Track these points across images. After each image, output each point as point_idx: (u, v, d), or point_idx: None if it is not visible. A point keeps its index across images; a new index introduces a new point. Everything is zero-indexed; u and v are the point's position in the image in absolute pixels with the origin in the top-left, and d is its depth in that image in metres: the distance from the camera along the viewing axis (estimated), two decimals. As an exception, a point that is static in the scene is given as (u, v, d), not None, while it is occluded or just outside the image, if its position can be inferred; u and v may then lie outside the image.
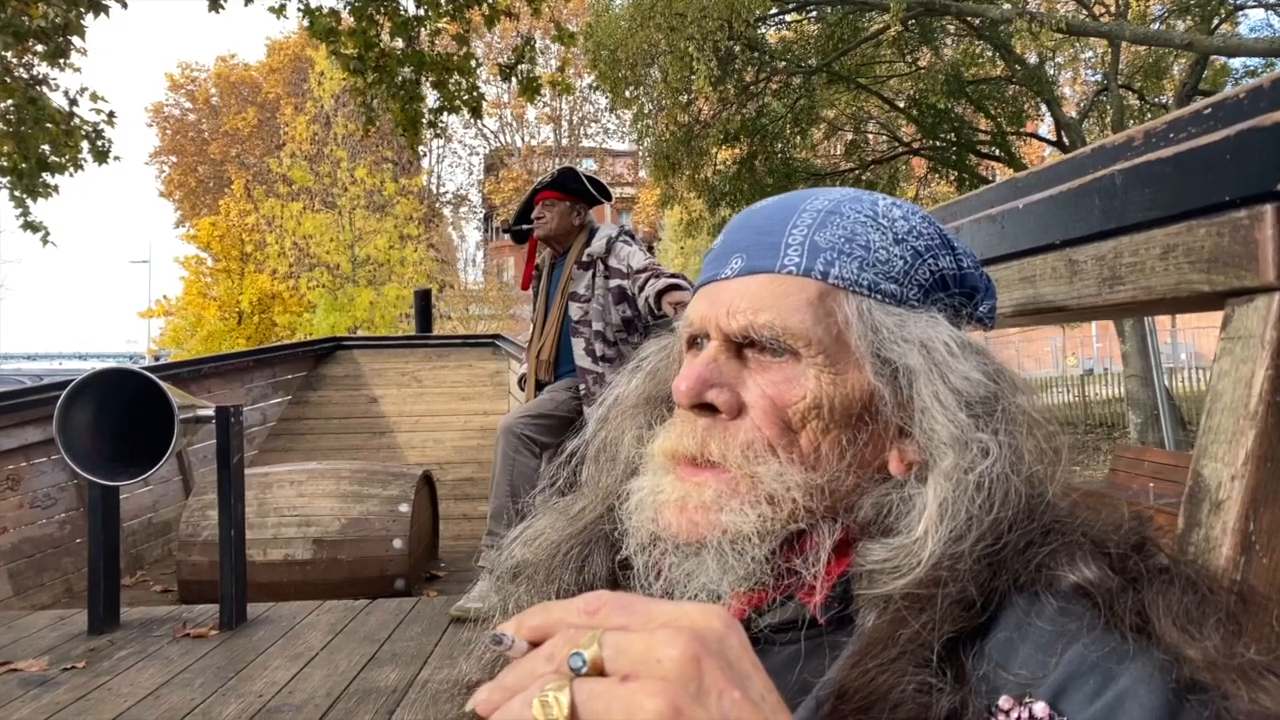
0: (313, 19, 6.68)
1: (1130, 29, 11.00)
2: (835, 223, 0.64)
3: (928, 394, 0.59)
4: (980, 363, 0.61)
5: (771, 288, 0.62)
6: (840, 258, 0.62)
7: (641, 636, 0.38)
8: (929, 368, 0.60)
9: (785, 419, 0.60)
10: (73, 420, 2.97)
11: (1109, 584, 0.52)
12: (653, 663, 0.37)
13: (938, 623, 0.52)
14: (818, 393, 0.60)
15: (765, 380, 0.61)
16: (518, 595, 0.71)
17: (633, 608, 0.40)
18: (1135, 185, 0.74)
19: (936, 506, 0.56)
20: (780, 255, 0.63)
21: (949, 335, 0.61)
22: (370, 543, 4.14)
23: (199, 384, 5.91)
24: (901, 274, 0.63)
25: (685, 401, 0.62)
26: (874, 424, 0.61)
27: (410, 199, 23.61)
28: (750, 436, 0.60)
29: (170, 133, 31.25)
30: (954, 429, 0.58)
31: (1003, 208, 0.95)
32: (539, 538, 0.73)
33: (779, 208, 0.67)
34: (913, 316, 0.62)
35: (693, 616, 0.40)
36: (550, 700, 0.37)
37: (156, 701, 2.56)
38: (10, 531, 4.25)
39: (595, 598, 0.41)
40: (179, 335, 25.57)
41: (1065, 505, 0.59)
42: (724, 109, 13.05)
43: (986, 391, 0.60)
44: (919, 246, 0.64)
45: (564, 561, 0.69)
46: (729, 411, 0.61)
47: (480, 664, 0.68)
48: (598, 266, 3.52)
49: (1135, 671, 0.48)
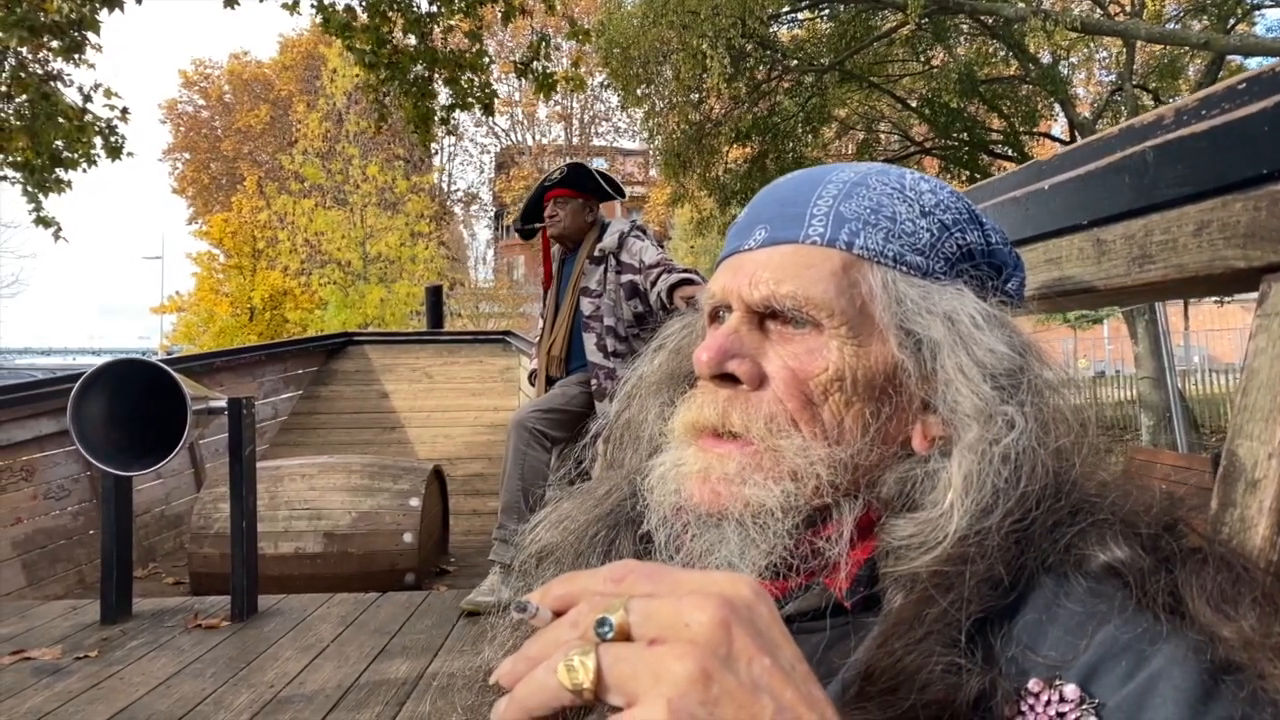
0: (326, 15, 6.69)
1: (1145, 28, 10.92)
2: (861, 194, 0.63)
3: (952, 366, 0.58)
4: (1006, 335, 0.60)
5: (795, 258, 0.61)
6: (866, 228, 0.61)
7: (669, 602, 0.37)
8: (953, 340, 0.59)
9: (807, 391, 0.59)
10: (86, 411, 2.97)
11: (1141, 564, 0.51)
12: (681, 627, 0.36)
13: (965, 601, 0.51)
14: (840, 365, 0.59)
15: (787, 351, 0.60)
16: (544, 578, 0.69)
17: (659, 575, 0.40)
18: (1167, 161, 0.72)
19: (961, 479, 0.55)
20: (804, 225, 0.62)
21: (974, 308, 0.60)
22: (381, 536, 4.14)
23: (211, 378, 5.93)
24: (928, 246, 0.62)
25: (706, 371, 0.61)
26: (897, 397, 0.60)
27: (421, 197, 23.66)
28: (773, 409, 0.59)
29: (183, 129, 31.40)
30: (978, 401, 0.57)
31: (1027, 189, 0.94)
32: (565, 520, 0.72)
33: (805, 180, 0.66)
34: (938, 289, 0.61)
35: (721, 584, 0.39)
36: (576, 665, 0.36)
37: (168, 690, 2.56)
38: (24, 522, 4.27)
39: (621, 566, 0.41)
40: (191, 331, 25.70)
41: (1094, 485, 0.58)
42: (736, 107, 13.02)
43: (1012, 364, 0.58)
44: (946, 219, 0.63)
45: (591, 545, 0.69)
46: (750, 382, 0.60)
47: (500, 649, 0.68)
48: (610, 261, 3.51)
49: (1169, 652, 0.47)
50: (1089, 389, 16.18)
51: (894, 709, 0.48)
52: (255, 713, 2.40)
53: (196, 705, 2.45)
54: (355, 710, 2.41)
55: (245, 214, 25.11)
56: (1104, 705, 0.47)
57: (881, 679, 0.49)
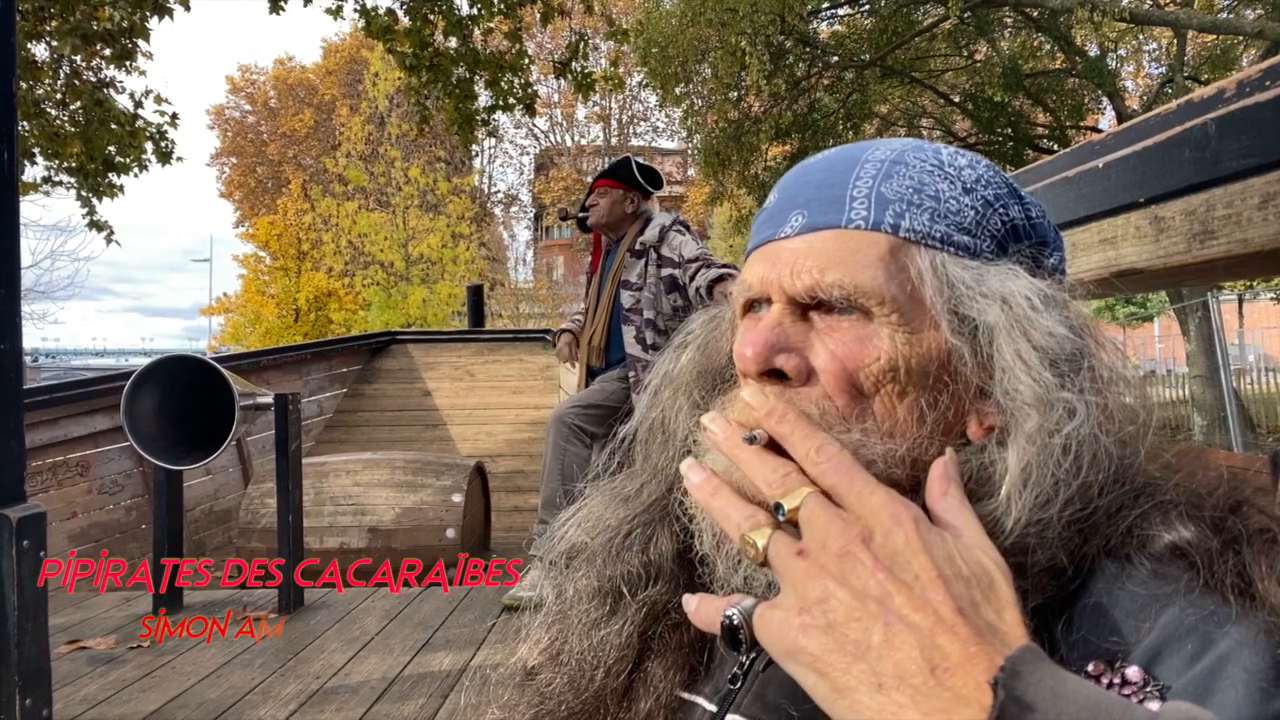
0: (369, 19, 6.78)
1: (1197, 17, 10.67)
2: (901, 173, 0.60)
3: (1009, 352, 0.56)
4: (1064, 316, 0.57)
5: (839, 244, 0.58)
6: (910, 209, 0.59)
7: (832, 519, 0.47)
8: (1010, 324, 0.56)
9: (857, 383, 0.56)
10: (139, 407, 3.04)
11: (1208, 544, 0.50)
12: (821, 549, 0.46)
13: (1028, 592, 0.50)
14: (893, 354, 0.56)
15: (835, 342, 0.57)
16: (575, 578, 0.69)
17: (852, 478, 0.48)
18: (1230, 133, 0.70)
19: (1020, 470, 0.53)
20: (846, 209, 0.59)
21: (1030, 288, 0.57)
22: (424, 531, 4.19)
23: (258, 375, 6.03)
24: (974, 224, 0.59)
25: (753, 368, 0.58)
26: (954, 386, 0.57)
27: (462, 198, 23.89)
28: (823, 405, 0.57)
29: (230, 134, 32.02)
30: (1038, 388, 0.54)
31: (1080, 169, 0.92)
32: (595, 520, 0.71)
33: (839, 159, 0.63)
34: (989, 269, 0.58)
35: (878, 511, 0.47)
36: (750, 539, 0.49)
37: (218, 680, 2.61)
38: (79, 516, 4.38)
39: (829, 447, 0.50)
40: (238, 332, 26.21)
41: (1156, 466, 0.56)
42: (775, 104, 12.94)
43: (1073, 347, 0.56)
44: (989, 195, 0.61)
45: (626, 542, 0.67)
46: (798, 377, 0.57)
47: (535, 647, 0.69)
48: (650, 255, 3.52)
49: (1237, 635, 0.45)
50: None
51: None
52: (302, 703, 2.43)
53: (245, 694, 2.49)
54: (400, 701, 2.44)
55: (290, 217, 25.56)
56: (1169, 688, 0.45)
57: None
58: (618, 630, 0.64)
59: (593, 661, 0.64)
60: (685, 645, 0.63)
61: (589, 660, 0.64)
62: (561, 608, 0.70)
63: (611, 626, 0.64)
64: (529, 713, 0.67)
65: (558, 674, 0.67)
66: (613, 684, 0.63)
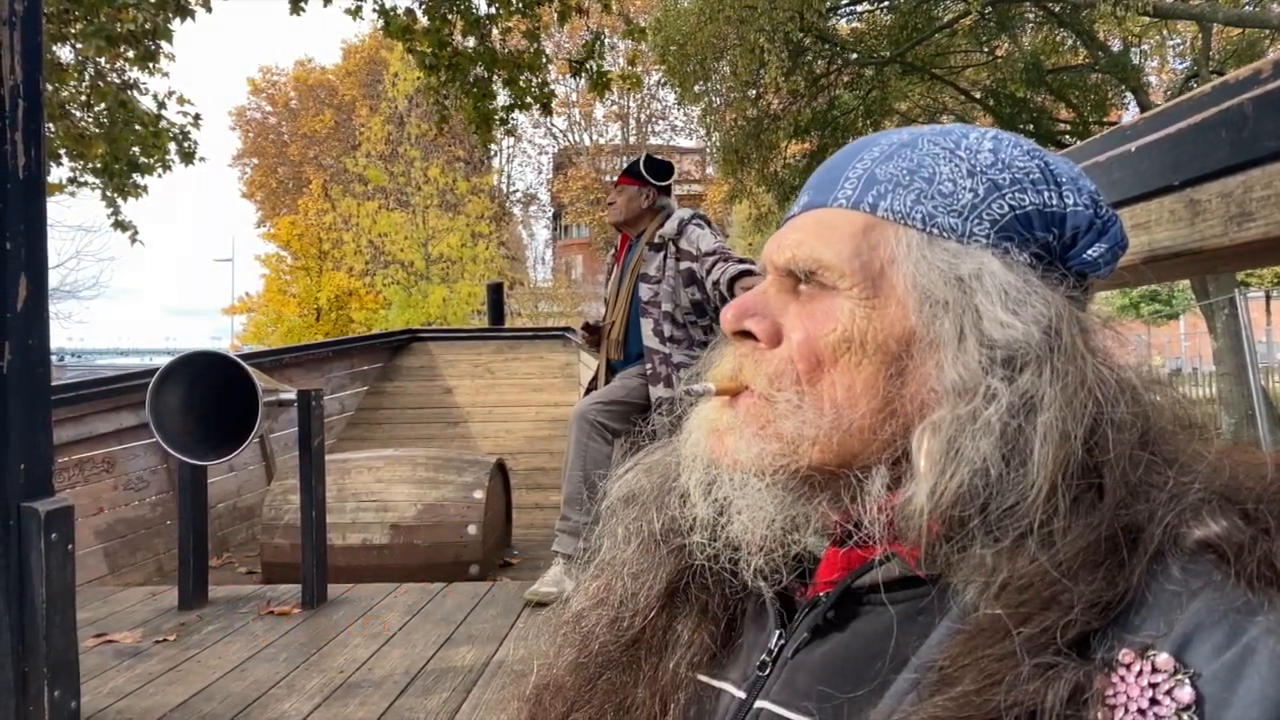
0: (387, 19, 6.82)
1: (1223, 10, 10.53)
2: (905, 155, 0.61)
3: (949, 335, 0.56)
4: (1032, 311, 0.55)
5: (819, 221, 0.61)
6: (896, 189, 0.59)
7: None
8: (961, 309, 0.56)
9: (817, 350, 0.58)
10: (164, 403, 3.07)
11: (1238, 537, 0.49)
12: None
13: (1063, 625, 0.48)
14: (849, 326, 0.57)
15: (804, 312, 0.60)
16: (626, 519, 0.72)
17: None
18: (1269, 113, 0.69)
19: (925, 458, 0.53)
20: (837, 189, 0.62)
21: (992, 276, 0.56)
22: (445, 528, 4.20)
23: (280, 373, 6.07)
24: (967, 207, 0.58)
25: (727, 328, 0.63)
26: (919, 366, 0.57)
27: (481, 198, 23.98)
28: (781, 367, 0.59)
29: (252, 135, 32.27)
30: (955, 374, 0.54)
31: (1112, 153, 0.90)
32: (653, 463, 0.74)
33: (857, 145, 0.65)
34: (967, 253, 0.58)
35: None
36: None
37: (243, 674, 2.63)
38: (105, 512, 4.43)
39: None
40: (260, 331, 26.43)
41: (1187, 458, 0.55)
42: (794, 102, 12.90)
43: (1027, 338, 0.54)
44: (1000, 179, 0.59)
45: (676, 485, 0.69)
46: (766, 340, 0.61)
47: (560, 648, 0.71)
48: (669, 248, 3.53)
49: (1266, 624, 0.45)
50: (1163, 386, 15.62)
51: (977, 709, 0.47)
52: (326, 696, 2.45)
53: (270, 688, 2.51)
54: (423, 696, 2.45)
55: (311, 217, 25.74)
56: (1199, 675, 0.45)
57: (964, 680, 0.48)
58: (655, 576, 0.68)
59: (632, 606, 0.67)
60: (710, 616, 0.66)
61: (629, 605, 0.68)
62: (613, 552, 0.73)
63: (651, 572, 0.68)
64: (571, 654, 0.70)
65: (602, 614, 0.70)
66: (649, 636, 0.66)
